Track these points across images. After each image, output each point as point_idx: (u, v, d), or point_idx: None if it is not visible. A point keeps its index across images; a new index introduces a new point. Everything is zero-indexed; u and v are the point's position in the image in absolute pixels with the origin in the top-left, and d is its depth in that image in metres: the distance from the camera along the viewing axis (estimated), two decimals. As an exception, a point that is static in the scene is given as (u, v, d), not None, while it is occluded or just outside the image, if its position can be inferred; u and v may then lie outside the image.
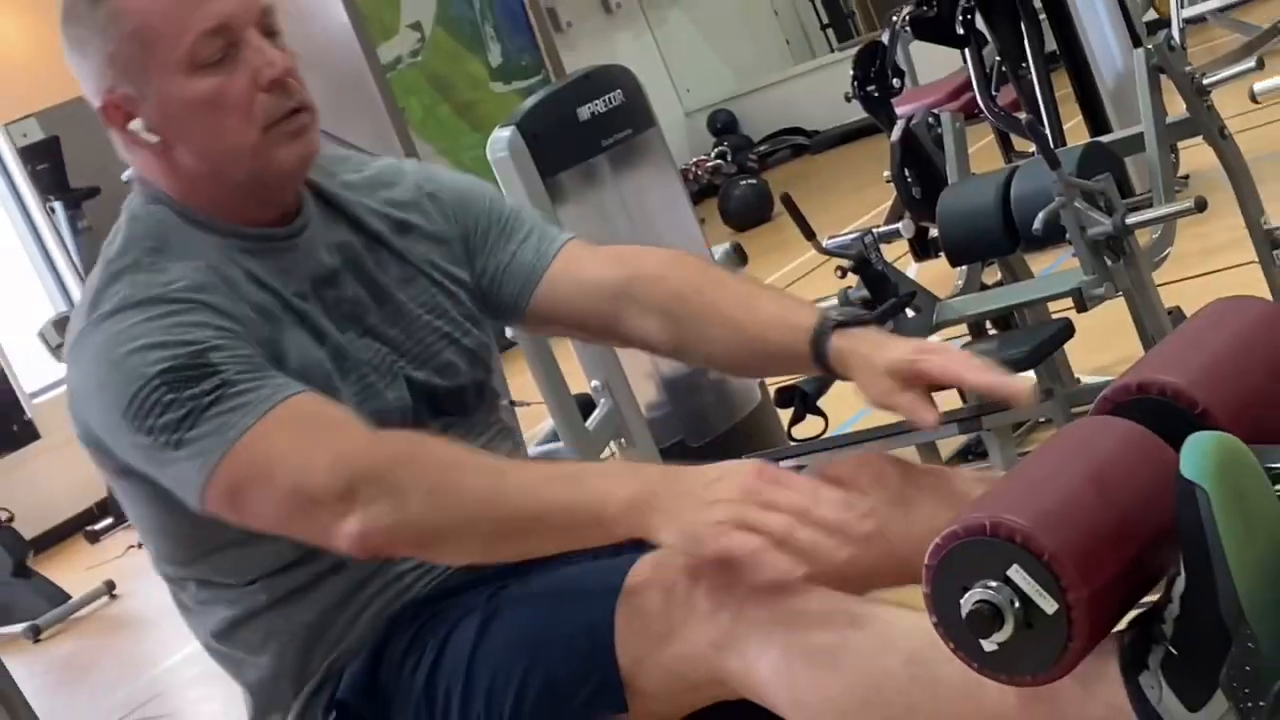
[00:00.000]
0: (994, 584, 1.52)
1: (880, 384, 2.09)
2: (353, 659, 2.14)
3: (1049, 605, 1.50)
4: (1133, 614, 1.60)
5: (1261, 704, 1.48)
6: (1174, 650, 1.54)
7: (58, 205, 12.24)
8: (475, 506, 1.91)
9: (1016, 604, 1.51)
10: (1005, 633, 1.52)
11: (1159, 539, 1.55)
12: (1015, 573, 1.50)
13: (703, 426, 6.14)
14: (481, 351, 2.30)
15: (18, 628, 9.23)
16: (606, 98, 6.02)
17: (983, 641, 1.53)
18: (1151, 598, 1.60)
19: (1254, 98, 5.80)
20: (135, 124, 2.11)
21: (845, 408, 6.47)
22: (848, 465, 2.13)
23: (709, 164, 14.90)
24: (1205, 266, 6.86)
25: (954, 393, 5.94)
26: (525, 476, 1.96)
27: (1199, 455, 1.48)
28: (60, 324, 10.88)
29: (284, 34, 2.21)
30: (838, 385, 5.99)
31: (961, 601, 1.54)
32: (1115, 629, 1.59)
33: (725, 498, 1.78)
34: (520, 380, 5.94)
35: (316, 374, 2.10)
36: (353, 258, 2.24)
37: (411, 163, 2.43)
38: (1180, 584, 1.53)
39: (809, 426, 5.75)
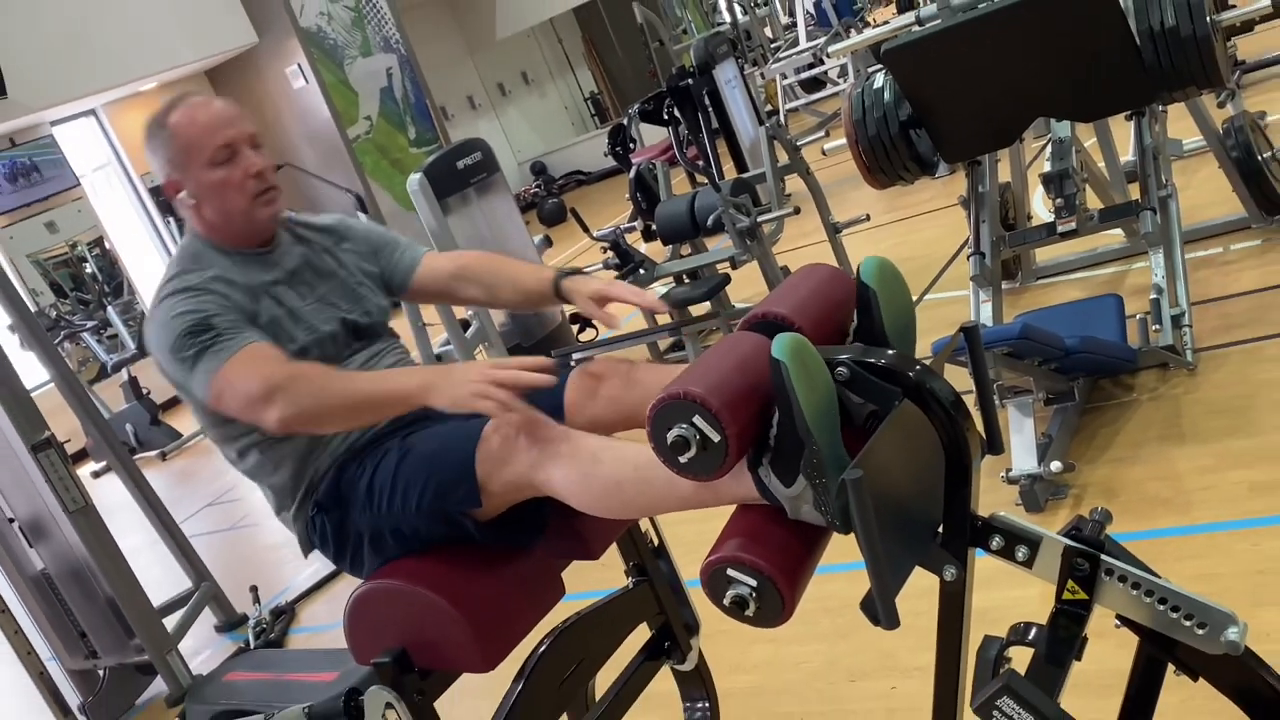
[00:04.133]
0: (685, 426, 1.50)
1: (587, 305, 2.15)
2: (326, 476, 2.11)
3: (715, 437, 1.48)
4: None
5: (823, 480, 1.50)
6: (776, 454, 1.54)
7: (171, 220, 11.99)
8: (340, 400, 1.94)
9: (698, 437, 1.49)
10: (691, 453, 1.50)
11: (771, 397, 1.54)
12: (697, 419, 1.48)
13: (529, 334, 6.14)
14: (380, 311, 2.33)
15: (154, 453, 9.21)
16: (473, 155, 6.02)
17: (679, 457, 1.51)
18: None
19: (824, 152, 5.85)
20: (181, 195, 2.16)
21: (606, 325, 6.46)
22: (603, 362, 2.12)
23: (531, 191, 14.86)
24: (800, 243, 6.91)
25: (664, 315, 6.03)
26: (363, 379, 2.02)
27: (780, 345, 1.49)
28: (173, 285, 10.63)
29: (264, 147, 2.24)
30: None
31: (667, 434, 1.51)
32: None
33: (471, 376, 1.83)
34: (428, 312, 5.87)
35: (278, 325, 2.13)
36: (309, 261, 2.27)
37: (350, 219, 2.47)
38: (777, 416, 1.53)
39: (588, 334, 5.80)
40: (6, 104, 9.93)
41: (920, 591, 1.63)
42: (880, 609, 1.46)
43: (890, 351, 1.61)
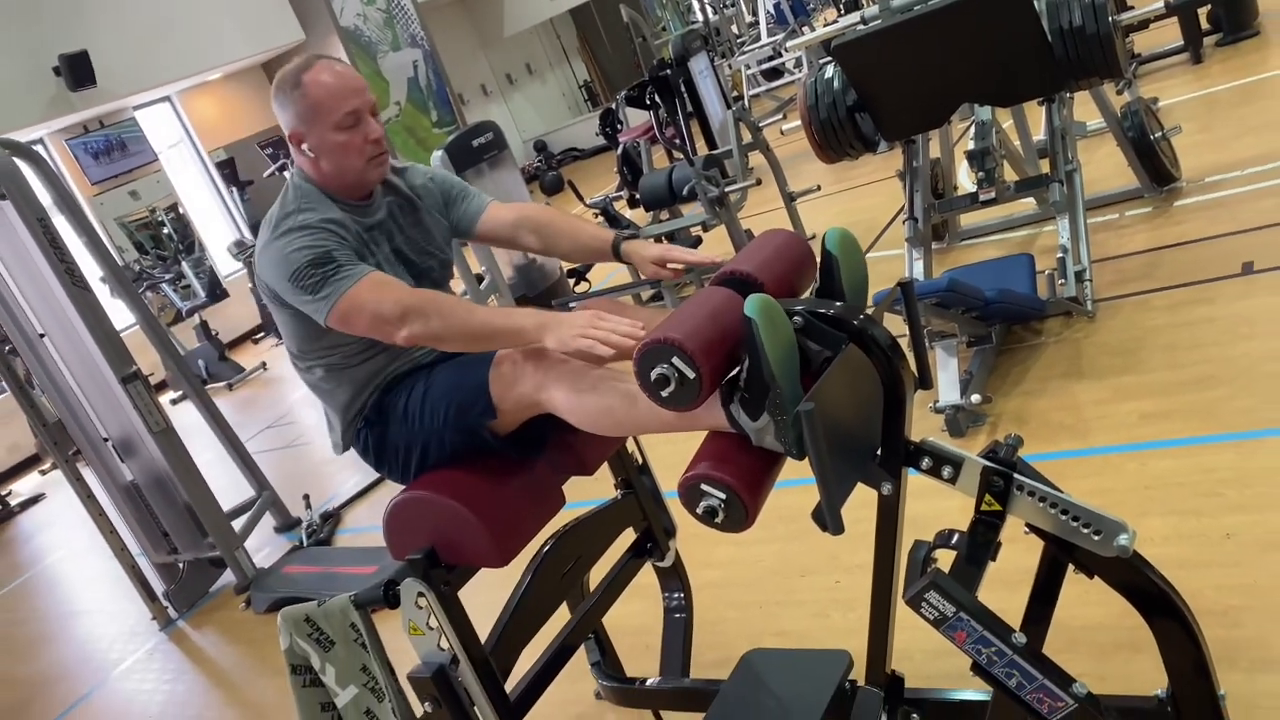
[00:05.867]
0: (666, 365, 1.48)
1: (649, 267, 2.06)
2: (373, 396, 2.07)
3: (691, 374, 1.46)
4: (729, 376, 1.57)
5: (784, 417, 1.48)
6: (745, 394, 1.53)
7: (233, 189, 11.90)
8: (464, 326, 1.84)
9: (676, 374, 1.47)
10: (671, 388, 1.48)
11: (739, 343, 1.53)
12: (675, 360, 1.46)
13: (533, 286, 6.09)
14: (441, 267, 2.19)
15: (222, 384, 9.12)
16: (485, 135, 5.93)
17: (660, 392, 1.50)
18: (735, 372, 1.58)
19: (782, 132, 5.78)
20: (304, 145, 1.99)
21: (598, 278, 6.42)
22: (600, 302, 2.08)
23: (533, 165, 14.66)
24: (761, 209, 6.86)
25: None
26: (485, 313, 1.89)
27: (751, 304, 1.46)
28: (238, 244, 10.58)
29: (379, 114, 2.09)
30: (595, 266, 5.93)
31: (650, 372, 1.49)
32: (721, 384, 1.57)
33: (578, 324, 1.74)
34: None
35: (379, 267, 2.01)
36: (393, 213, 2.12)
37: (426, 168, 2.28)
38: (746, 363, 1.51)
39: (582, 286, 5.74)
40: (96, 91, 9.99)
41: (859, 503, 1.62)
42: (828, 518, 1.46)
43: (838, 303, 1.60)
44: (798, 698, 2.06)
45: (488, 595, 2.20)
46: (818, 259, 1.70)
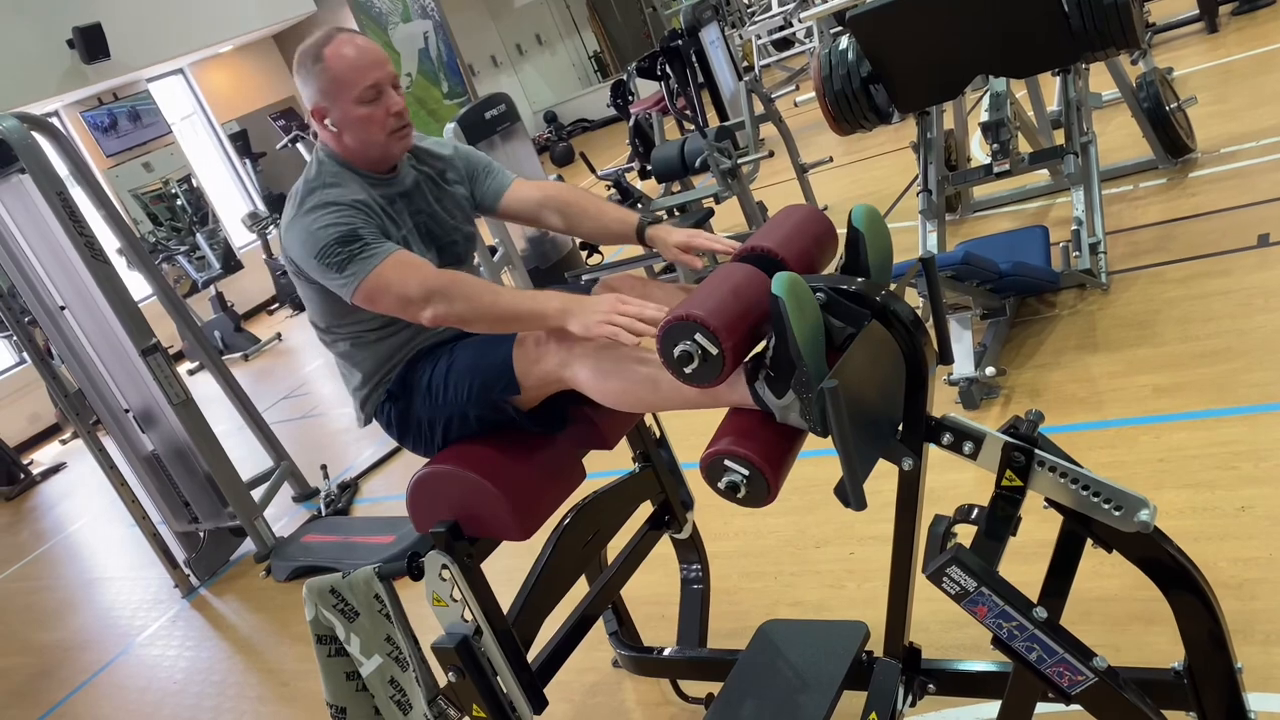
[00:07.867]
0: (689, 342, 1.47)
1: (672, 252, 2.02)
2: (396, 369, 2.06)
3: (714, 350, 1.46)
4: (753, 354, 1.58)
5: (809, 395, 1.48)
6: (770, 371, 1.52)
7: (246, 161, 11.86)
8: (488, 309, 1.82)
9: (700, 350, 1.47)
10: (694, 365, 1.48)
11: (761, 319, 1.53)
12: (698, 337, 1.46)
13: (545, 258, 6.07)
14: (465, 240, 2.16)
15: (238, 355, 9.14)
16: (497, 107, 5.89)
17: (684, 369, 1.49)
18: (759, 349, 1.58)
19: (796, 104, 5.73)
20: (326, 121, 1.97)
21: (610, 250, 6.40)
22: (618, 279, 2.07)
23: (544, 136, 14.59)
24: (773, 181, 6.82)
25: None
26: (509, 295, 1.87)
27: (778, 282, 1.45)
28: (252, 216, 10.57)
29: (402, 86, 2.06)
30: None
31: (674, 349, 1.49)
32: (744, 361, 1.57)
33: (602, 309, 1.72)
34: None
35: (404, 242, 1.99)
36: (418, 186, 2.09)
37: (451, 142, 2.25)
38: (772, 341, 1.50)
39: (595, 259, 5.72)
40: (110, 64, 9.99)
41: (872, 475, 1.62)
42: (850, 494, 1.45)
43: (859, 279, 1.59)
44: (815, 668, 2.07)
45: (508, 562, 2.21)
46: (838, 233, 1.69)
